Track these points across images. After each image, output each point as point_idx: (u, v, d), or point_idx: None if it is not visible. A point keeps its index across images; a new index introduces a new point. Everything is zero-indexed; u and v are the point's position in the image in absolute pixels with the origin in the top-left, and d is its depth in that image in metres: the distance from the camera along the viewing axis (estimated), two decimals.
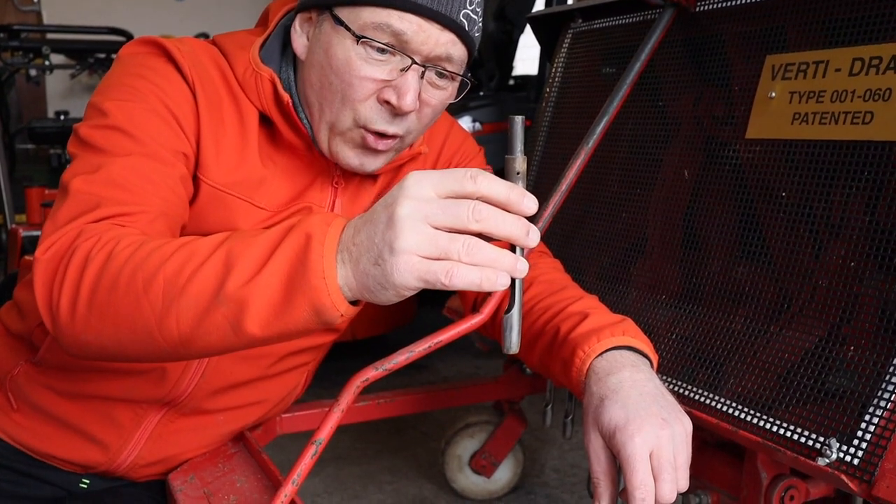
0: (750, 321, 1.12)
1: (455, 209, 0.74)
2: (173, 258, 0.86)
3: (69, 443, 1.27)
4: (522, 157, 0.78)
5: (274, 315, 0.81)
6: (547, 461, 2.17)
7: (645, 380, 1.00)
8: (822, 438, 0.92)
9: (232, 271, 0.82)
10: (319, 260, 0.78)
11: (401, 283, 0.75)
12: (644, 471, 0.92)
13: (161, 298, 0.85)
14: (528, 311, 1.19)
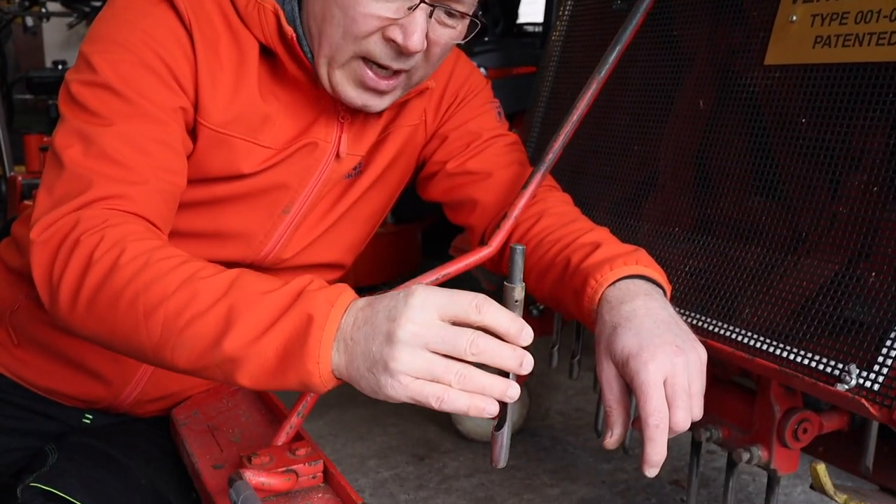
0: (766, 252, 1.09)
1: (454, 340, 0.77)
2: (176, 295, 0.86)
3: (71, 378, 1.26)
4: (521, 286, 0.81)
5: (265, 377, 0.84)
6: (552, 405, 2.16)
7: (658, 308, 0.97)
8: (841, 365, 0.90)
9: (231, 329, 0.83)
10: (317, 346, 0.80)
11: (391, 397, 0.78)
12: (658, 397, 0.89)
13: (159, 331, 0.87)
14: (538, 244, 1.16)
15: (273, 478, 0.97)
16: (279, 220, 1.19)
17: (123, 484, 1.16)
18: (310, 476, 1.02)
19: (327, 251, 1.30)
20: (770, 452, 1.13)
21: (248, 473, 0.94)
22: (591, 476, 1.77)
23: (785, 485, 1.73)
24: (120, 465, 1.19)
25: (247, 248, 1.20)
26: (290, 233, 1.22)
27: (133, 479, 1.18)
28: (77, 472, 1.15)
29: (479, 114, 1.32)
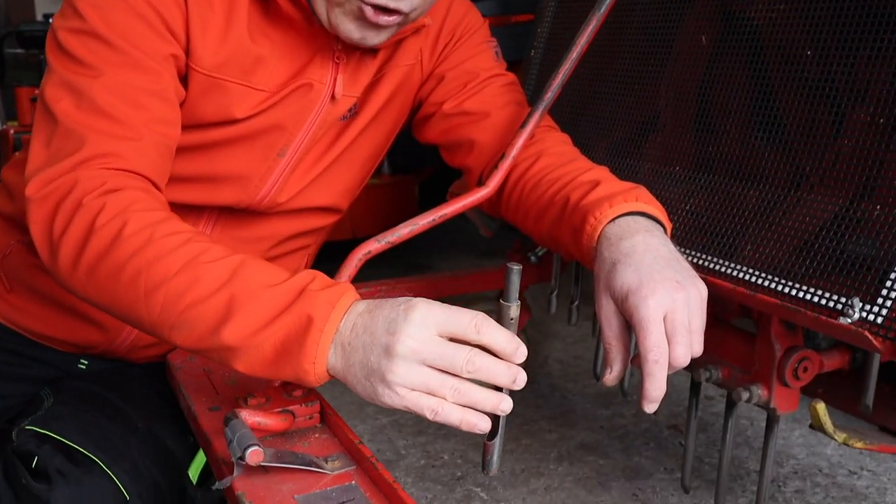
0: (768, 189, 1.07)
1: (451, 358, 0.79)
2: (178, 277, 0.87)
3: (65, 324, 1.25)
4: (517, 305, 0.83)
5: (260, 367, 0.86)
6: (550, 353, 2.16)
7: (659, 244, 0.96)
8: (844, 299, 0.88)
9: (231, 320, 0.84)
10: (314, 347, 0.82)
11: (386, 404, 0.81)
12: (658, 333, 0.88)
13: (159, 310, 0.87)
14: (536, 184, 1.15)
15: (269, 418, 0.97)
16: (274, 164, 1.18)
17: (120, 427, 1.15)
18: (306, 416, 1.01)
19: (323, 195, 1.28)
20: (770, 391, 1.12)
21: (243, 413, 0.94)
22: (589, 421, 1.78)
23: (783, 429, 1.74)
24: (116, 409, 1.18)
25: (242, 192, 1.18)
26: (285, 176, 1.20)
27: (130, 422, 1.17)
28: (73, 415, 1.14)
29: (477, 53, 1.29)
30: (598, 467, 1.58)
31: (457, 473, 1.56)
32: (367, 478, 0.91)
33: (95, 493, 1.07)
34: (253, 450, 0.85)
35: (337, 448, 0.97)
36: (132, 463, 1.11)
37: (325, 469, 0.92)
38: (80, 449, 1.09)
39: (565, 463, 1.60)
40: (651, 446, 1.67)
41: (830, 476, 1.55)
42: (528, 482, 1.53)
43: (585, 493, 1.49)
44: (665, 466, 1.58)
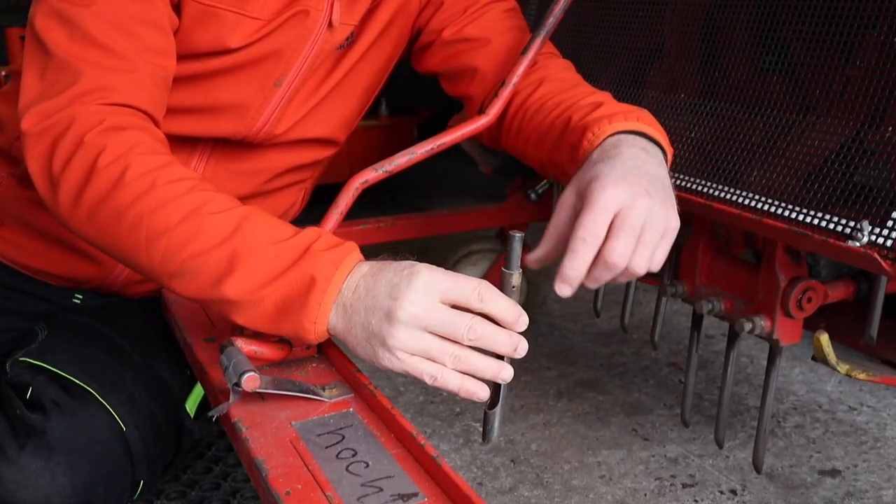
0: (777, 115, 1.04)
1: (453, 326, 0.78)
2: (181, 227, 0.85)
3: (59, 258, 1.23)
4: (519, 273, 0.83)
5: (260, 322, 0.86)
6: (549, 293, 2.15)
7: (651, 163, 0.91)
8: (853, 223, 0.86)
9: (232, 274, 0.84)
10: (316, 308, 0.82)
11: (386, 367, 0.81)
12: (599, 217, 0.83)
13: (160, 259, 0.87)
14: (537, 110, 1.12)
15: (266, 347, 0.95)
16: (271, 94, 1.15)
17: (115, 360, 1.14)
18: (303, 346, 1.00)
19: (320, 126, 1.25)
20: (773, 322, 1.11)
21: (239, 342, 0.92)
22: (588, 359, 1.77)
23: (783, 366, 1.73)
24: (111, 342, 1.17)
25: (238, 122, 1.16)
26: (282, 106, 1.17)
27: (125, 355, 1.16)
28: (67, 348, 1.13)
29: None
30: (598, 403, 1.58)
31: (455, 409, 1.56)
32: (365, 405, 0.90)
33: (91, 424, 1.06)
34: (249, 375, 0.84)
35: (335, 377, 0.96)
36: (127, 394, 1.11)
37: (322, 397, 0.91)
38: (75, 380, 1.08)
39: (564, 399, 1.59)
40: (651, 383, 1.66)
41: (830, 412, 1.55)
42: (528, 418, 1.53)
43: (585, 428, 1.49)
44: (665, 402, 1.58)
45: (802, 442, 1.45)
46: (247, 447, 0.82)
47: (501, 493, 1.31)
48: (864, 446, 1.44)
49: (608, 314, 1.97)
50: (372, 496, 0.74)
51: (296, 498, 0.74)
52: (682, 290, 1.26)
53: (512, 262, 0.82)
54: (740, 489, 1.31)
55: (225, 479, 1.31)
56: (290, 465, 0.79)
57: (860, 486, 1.33)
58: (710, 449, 1.42)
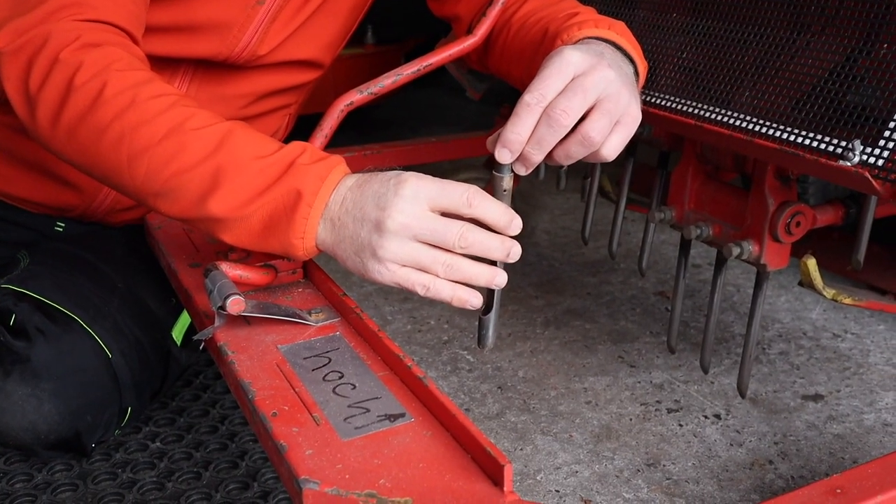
0: (771, 33, 1.02)
1: (443, 234, 0.77)
2: (163, 144, 0.83)
3: (39, 185, 1.21)
4: (510, 176, 0.81)
5: (247, 239, 0.84)
6: (538, 224, 2.14)
7: (619, 60, 0.88)
8: (845, 143, 0.85)
9: (217, 191, 0.82)
10: (303, 222, 0.81)
11: (377, 281, 0.80)
12: (551, 79, 0.79)
13: (143, 177, 0.85)
14: (521, 27, 1.09)
15: (251, 271, 0.94)
16: (253, 12, 1.11)
17: (99, 286, 1.13)
18: (289, 271, 0.99)
19: (305, 47, 1.22)
20: (761, 247, 1.10)
21: (224, 266, 0.91)
22: (576, 288, 1.77)
23: (770, 294, 1.74)
24: (95, 269, 1.16)
25: (220, 42, 1.12)
26: (265, 25, 1.14)
27: (109, 282, 1.15)
28: (50, 274, 1.12)
29: None
30: (585, 331, 1.59)
31: (443, 338, 1.57)
32: (352, 329, 0.89)
33: (76, 350, 1.06)
34: (234, 299, 0.83)
35: (321, 301, 0.95)
36: (112, 321, 1.10)
37: (308, 321, 0.90)
38: (59, 307, 1.07)
39: (552, 327, 1.60)
40: (637, 311, 1.67)
41: (814, 339, 1.57)
42: (515, 345, 1.53)
43: (571, 356, 1.50)
44: (651, 330, 1.59)
45: (786, 368, 1.47)
46: (233, 370, 0.82)
47: (488, 419, 1.32)
48: (847, 372, 1.46)
49: (596, 244, 1.97)
50: (359, 416, 0.74)
51: (282, 419, 0.74)
52: (671, 216, 1.25)
53: (504, 165, 0.81)
54: (724, 413, 1.33)
55: (213, 406, 1.31)
56: (276, 388, 0.79)
57: (842, 410, 1.35)
58: (696, 375, 1.43)
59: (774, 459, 1.22)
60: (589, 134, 0.81)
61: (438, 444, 0.70)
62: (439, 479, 0.66)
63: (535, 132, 0.80)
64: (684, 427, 1.30)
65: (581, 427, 1.30)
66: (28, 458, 1.17)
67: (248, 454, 1.20)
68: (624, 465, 1.21)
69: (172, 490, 1.13)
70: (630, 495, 1.15)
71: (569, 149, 0.82)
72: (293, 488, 0.67)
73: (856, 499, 0.68)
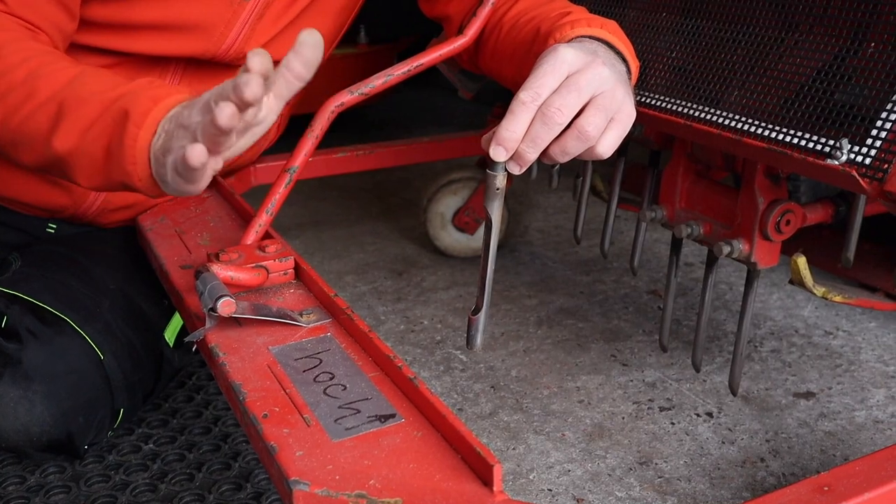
0: (760, 32, 1.03)
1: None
2: (18, 90, 0.83)
3: (30, 186, 1.21)
4: (503, 175, 0.80)
5: (96, 176, 0.82)
6: (531, 223, 2.15)
7: (612, 59, 0.88)
8: (833, 142, 0.85)
9: (59, 125, 0.80)
10: (132, 144, 0.77)
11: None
12: (545, 77, 0.78)
13: (3, 129, 0.85)
14: (512, 27, 1.09)
15: (242, 272, 0.94)
16: (239, 9, 1.11)
17: (90, 287, 1.13)
18: (281, 272, 0.99)
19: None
20: (751, 245, 1.11)
21: (215, 267, 0.91)
22: (569, 287, 1.78)
23: (761, 292, 1.75)
24: (86, 271, 1.16)
25: (206, 40, 1.12)
26: (251, 23, 1.14)
27: (100, 283, 1.15)
28: (41, 276, 1.12)
29: None
30: (577, 330, 1.59)
31: (436, 337, 1.57)
32: (343, 329, 0.89)
33: (68, 352, 1.06)
34: (224, 300, 0.83)
35: (312, 302, 0.95)
36: (104, 323, 1.10)
37: (300, 322, 0.90)
38: (50, 309, 1.07)
39: (545, 326, 1.60)
40: (630, 310, 1.67)
41: (806, 336, 1.57)
42: (508, 345, 1.54)
43: (564, 355, 1.50)
44: (644, 329, 1.59)
45: (778, 366, 1.47)
46: (224, 371, 0.82)
47: (481, 419, 1.32)
48: (839, 369, 1.46)
49: (588, 243, 1.97)
50: (349, 417, 0.75)
51: (273, 420, 0.74)
52: (662, 214, 1.25)
53: (497, 164, 0.81)
54: (716, 412, 1.33)
55: (206, 408, 1.31)
56: (267, 389, 0.79)
57: (833, 407, 1.35)
58: (688, 373, 1.43)
59: (766, 457, 1.23)
60: (585, 129, 0.80)
61: (429, 444, 0.70)
62: (429, 480, 0.66)
63: (529, 130, 0.79)
64: (676, 425, 1.30)
65: (573, 426, 1.30)
66: (21, 460, 1.17)
67: (242, 455, 1.20)
68: (616, 463, 1.21)
69: (165, 492, 1.13)
70: (622, 494, 1.15)
71: (565, 145, 0.81)
72: (284, 489, 0.67)
73: (843, 496, 0.69)
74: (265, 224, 1.05)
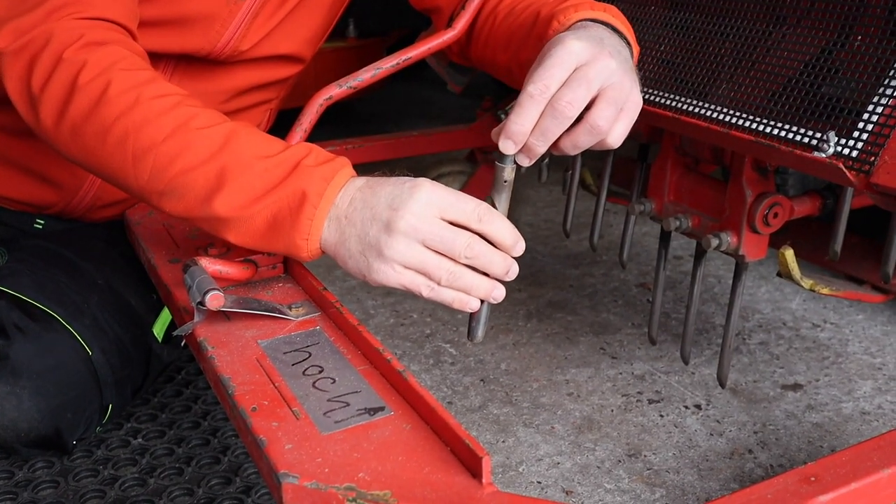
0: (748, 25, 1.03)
1: (451, 242, 0.78)
2: (168, 142, 0.83)
3: (18, 182, 1.20)
4: (511, 167, 0.82)
5: (251, 240, 0.85)
6: (521, 217, 2.15)
7: (618, 43, 0.88)
8: (820, 134, 0.86)
9: (222, 191, 0.83)
10: (308, 223, 0.81)
11: (379, 282, 0.81)
12: (554, 70, 0.79)
13: (147, 176, 0.85)
14: (508, 14, 1.09)
15: (231, 266, 0.94)
16: (236, 7, 1.12)
17: (78, 283, 1.13)
18: (269, 266, 0.99)
19: (286, 42, 1.22)
20: (739, 238, 1.11)
21: (203, 261, 0.91)
22: (558, 281, 1.78)
23: (750, 285, 1.76)
24: (74, 266, 1.16)
25: (203, 37, 1.12)
26: (248, 20, 1.14)
27: (89, 279, 1.15)
28: (29, 272, 1.12)
29: None
30: (567, 324, 1.59)
31: (426, 331, 1.57)
32: (332, 323, 0.89)
33: (56, 348, 1.05)
34: (213, 294, 0.83)
35: (301, 296, 0.95)
36: (92, 318, 1.10)
37: (289, 315, 0.90)
38: (37, 304, 1.07)
39: (534, 320, 1.61)
40: (619, 303, 1.68)
41: (794, 329, 1.58)
42: (497, 338, 1.54)
43: (553, 348, 1.51)
44: (633, 322, 1.60)
45: (766, 358, 1.48)
46: (212, 365, 0.81)
47: (471, 412, 1.33)
48: (826, 361, 1.47)
49: (578, 236, 1.97)
50: (338, 410, 0.75)
51: (262, 414, 0.74)
52: (651, 208, 1.26)
53: (506, 156, 0.82)
54: (705, 404, 1.34)
55: (195, 402, 1.31)
56: (256, 383, 0.79)
57: (821, 399, 1.36)
58: (676, 366, 1.44)
59: (754, 448, 1.23)
60: (597, 123, 0.81)
61: (418, 437, 0.71)
62: (418, 472, 0.66)
63: (539, 124, 0.80)
64: (665, 418, 1.31)
65: (563, 419, 1.30)
66: (8, 455, 1.16)
67: (231, 449, 1.20)
68: (605, 455, 1.22)
69: (154, 486, 1.13)
70: (611, 486, 1.15)
71: (576, 139, 0.82)
72: (273, 482, 0.67)
73: (829, 486, 0.69)
74: None
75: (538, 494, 1.14)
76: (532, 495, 1.13)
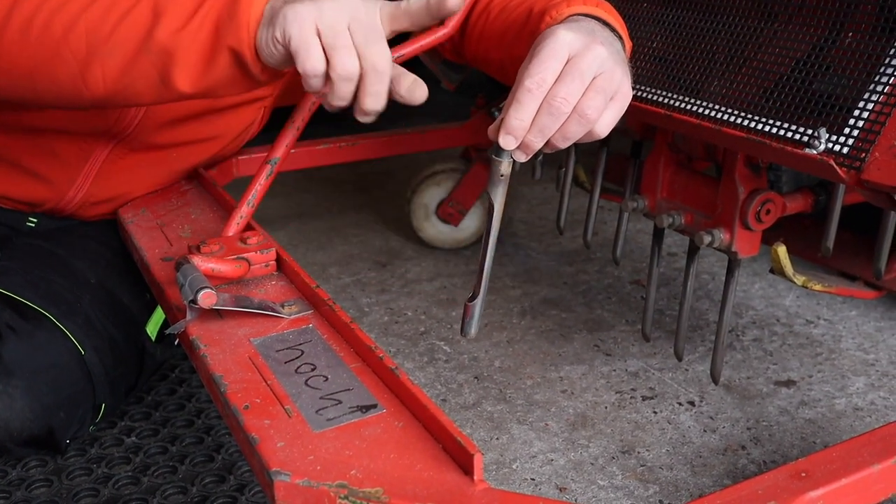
0: (740, 22, 1.03)
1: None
2: (96, 4, 0.82)
3: (9, 179, 1.20)
4: (508, 162, 0.80)
5: (200, 59, 0.83)
6: (515, 214, 2.15)
7: (609, 37, 0.87)
8: (811, 131, 0.86)
9: (161, 19, 0.81)
10: (247, 10, 0.80)
11: (289, 20, 0.77)
12: (549, 62, 0.78)
13: (84, 46, 0.83)
14: (501, 10, 1.09)
15: (223, 264, 0.94)
16: None
17: (70, 282, 1.13)
18: (262, 264, 0.99)
19: None
20: (732, 235, 1.11)
21: (196, 259, 0.91)
22: (553, 278, 1.78)
23: (743, 282, 1.76)
24: (66, 265, 1.16)
25: None
26: None
27: (81, 277, 1.15)
28: (21, 271, 1.12)
29: None
30: (561, 321, 1.60)
31: (420, 329, 1.57)
32: (325, 321, 0.89)
33: (48, 347, 1.05)
34: (205, 292, 0.83)
35: (294, 294, 0.95)
36: (85, 317, 1.10)
37: (281, 313, 0.90)
38: (30, 304, 1.07)
39: (528, 317, 1.61)
40: (613, 300, 1.68)
41: (788, 325, 1.58)
42: (491, 335, 1.54)
43: (548, 345, 1.51)
44: (627, 319, 1.60)
45: (760, 354, 1.48)
46: (205, 363, 0.81)
47: (465, 409, 1.33)
48: (819, 357, 1.48)
49: (572, 233, 1.97)
50: (331, 408, 0.75)
51: (254, 411, 0.74)
52: (644, 204, 1.26)
53: (503, 150, 0.80)
54: (698, 400, 1.34)
55: (189, 400, 1.31)
56: (248, 381, 0.79)
57: (814, 395, 1.36)
58: (670, 363, 1.44)
59: (747, 445, 1.24)
60: (585, 112, 0.80)
61: (410, 434, 0.71)
62: (410, 469, 0.66)
63: (536, 121, 0.79)
64: (659, 414, 1.31)
65: (557, 416, 1.31)
66: (1, 455, 1.16)
67: (224, 447, 1.20)
68: (599, 452, 1.22)
69: (148, 484, 1.13)
70: (605, 482, 1.16)
71: (566, 130, 0.81)
72: (265, 480, 0.67)
73: (820, 482, 0.69)
74: (246, 216, 1.05)
75: (532, 491, 1.14)
76: (526, 492, 1.14)
